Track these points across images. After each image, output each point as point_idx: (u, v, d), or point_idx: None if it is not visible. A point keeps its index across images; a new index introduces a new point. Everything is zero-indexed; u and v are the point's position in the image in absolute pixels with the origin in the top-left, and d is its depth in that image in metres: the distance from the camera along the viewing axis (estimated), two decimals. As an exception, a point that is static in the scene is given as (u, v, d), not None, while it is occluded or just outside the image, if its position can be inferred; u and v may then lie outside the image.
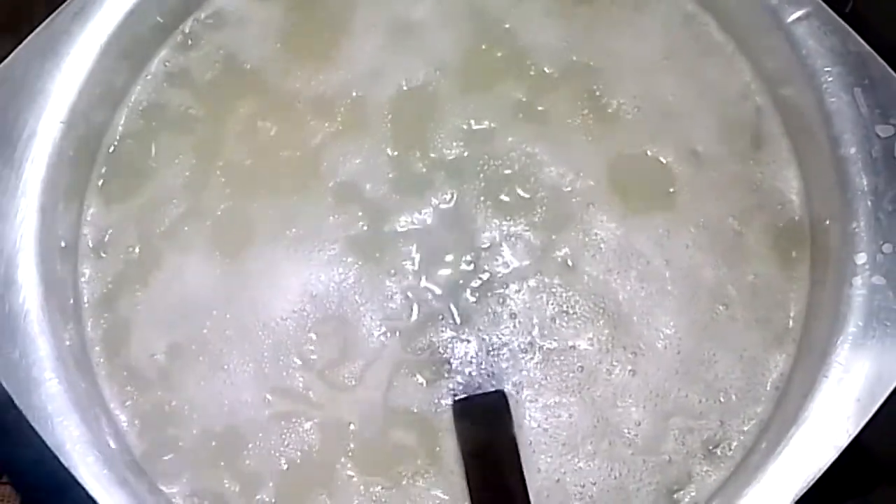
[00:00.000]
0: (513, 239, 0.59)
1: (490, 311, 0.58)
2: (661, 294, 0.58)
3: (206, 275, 0.59)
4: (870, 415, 0.52)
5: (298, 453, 0.57)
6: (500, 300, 0.58)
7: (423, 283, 0.59)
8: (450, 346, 0.58)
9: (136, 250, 0.60)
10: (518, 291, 0.58)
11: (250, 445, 0.57)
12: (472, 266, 0.59)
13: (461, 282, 0.59)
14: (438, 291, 0.59)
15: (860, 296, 0.53)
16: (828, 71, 0.56)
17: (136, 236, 0.60)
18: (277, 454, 0.57)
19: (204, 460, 0.57)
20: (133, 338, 0.59)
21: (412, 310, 0.59)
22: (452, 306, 0.58)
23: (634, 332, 0.58)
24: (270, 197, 0.60)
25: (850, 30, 0.56)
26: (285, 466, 0.56)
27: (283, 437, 0.57)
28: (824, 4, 0.57)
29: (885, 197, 0.54)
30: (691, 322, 0.58)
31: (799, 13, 0.57)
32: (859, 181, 0.55)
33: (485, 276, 0.59)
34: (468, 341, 0.58)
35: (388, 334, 0.58)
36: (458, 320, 0.58)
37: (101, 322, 0.59)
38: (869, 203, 0.54)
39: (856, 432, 0.52)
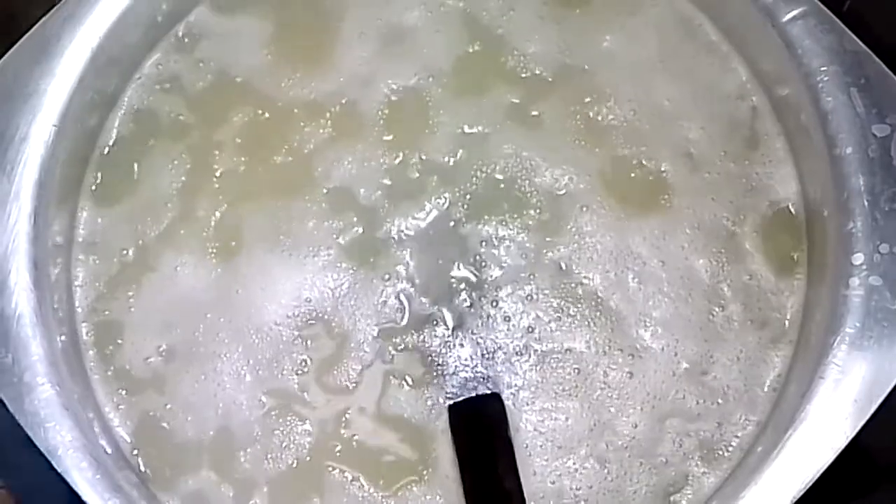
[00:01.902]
0: (507, 242, 0.59)
1: (484, 314, 0.58)
2: (658, 296, 0.58)
3: (199, 279, 0.59)
4: (867, 416, 0.51)
5: (292, 458, 0.56)
6: (495, 303, 0.58)
7: (417, 287, 0.59)
8: (444, 349, 0.58)
9: (130, 254, 0.59)
10: (512, 294, 0.58)
11: (244, 450, 0.56)
12: (465, 270, 0.59)
13: (455, 286, 0.58)
14: (432, 295, 0.58)
15: (857, 296, 0.53)
16: (823, 70, 0.56)
17: (129, 240, 0.60)
18: (271, 459, 0.56)
19: (198, 464, 0.56)
20: (126, 341, 0.58)
21: (406, 314, 0.58)
22: (446, 310, 0.58)
23: (631, 334, 0.57)
24: (264, 202, 0.60)
25: (846, 29, 0.56)
26: (279, 471, 0.56)
27: (277, 441, 0.56)
28: (820, 3, 0.57)
29: (882, 197, 0.54)
30: (688, 323, 0.57)
31: (794, 12, 0.57)
32: (856, 181, 0.54)
33: (479, 280, 0.58)
34: (462, 345, 0.58)
35: (383, 339, 0.58)
36: (451, 324, 0.58)
37: (94, 326, 0.59)
38: (866, 203, 0.54)
39: (853, 434, 0.51)
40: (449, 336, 0.58)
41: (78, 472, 0.52)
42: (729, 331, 0.57)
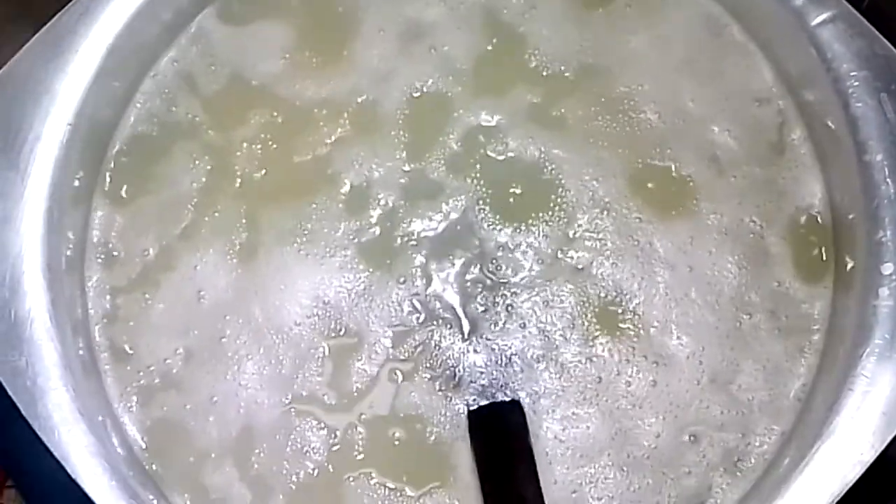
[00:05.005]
0: (526, 245, 0.58)
1: (503, 319, 0.57)
2: (683, 302, 0.57)
3: (217, 280, 0.58)
4: (896, 430, 0.51)
5: (310, 464, 0.55)
6: (514, 308, 0.57)
7: (433, 290, 0.58)
8: (460, 355, 0.57)
9: (146, 254, 0.58)
10: (532, 299, 0.57)
11: (260, 455, 0.56)
12: (483, 273, 0.58)
13: (470, 290, 0.58)
14: (448, 299, 0.58)
15: (886, 307, 0.52)
16: (853, 75, 0.55)
17: (145, 240, 0.59)
18: (288, 465, 0.55)
19: (213, 469, 0.56)
20: (142, 344, 0.57)
21: (422, 318, 0.57)
22: (463, 315, 0.57)
23: (655, 341, 0.56)
24: (283, 202, 0.59)
25: (877, 33, 0.55)
26: (296, 477, 0.55)
27: (294, 446, 0.56)
28: (851, 7, 0.56)
29: (913, 206, 0.53)
30: (714, 331, 0.56)
31: (824, 15, 0.56)
32: (886, 189, 0.54)
33: (497, 284, 0.58)
34: (477, 351, 0.57)
35: (398, 343, 0.57)
36: (467, 329, 0.57)
37: (108, 328, 0.58)
38: (896, 212, 0.53)
39: (882, 447, 0.50)
40: (464, 341, 0.57)
41: (91, 478, 0.52)
42: (755, 339, 0.56)
